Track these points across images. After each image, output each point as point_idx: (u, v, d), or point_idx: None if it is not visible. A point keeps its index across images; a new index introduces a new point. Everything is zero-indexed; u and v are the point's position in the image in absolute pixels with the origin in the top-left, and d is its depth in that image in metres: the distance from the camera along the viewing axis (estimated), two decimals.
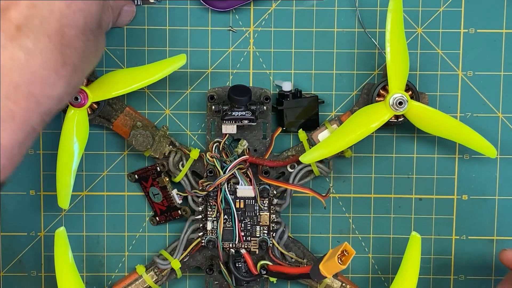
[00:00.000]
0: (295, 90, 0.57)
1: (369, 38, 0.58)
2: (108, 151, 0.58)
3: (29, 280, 0.59)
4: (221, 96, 0.56)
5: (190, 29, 0.57)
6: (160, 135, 0.56)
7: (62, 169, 0.54)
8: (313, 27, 0.58)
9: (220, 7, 0.57)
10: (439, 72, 0.58)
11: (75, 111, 0.54)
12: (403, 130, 0.59)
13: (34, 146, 0.58)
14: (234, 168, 0.55)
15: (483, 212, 0.59)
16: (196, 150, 0.56)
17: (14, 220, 0.59)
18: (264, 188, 0.56)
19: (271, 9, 0.58)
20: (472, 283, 0.60)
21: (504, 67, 0.58)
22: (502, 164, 0.59)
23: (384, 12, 0.56)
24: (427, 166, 0.59)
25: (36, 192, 0.58)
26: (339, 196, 0.59)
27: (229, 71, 0.58)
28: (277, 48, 0.58)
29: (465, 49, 0.58)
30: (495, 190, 0.59)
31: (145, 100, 0.58)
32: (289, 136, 0.58)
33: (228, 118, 0.54)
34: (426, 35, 0.58)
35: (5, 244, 0.59)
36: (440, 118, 0.55)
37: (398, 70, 0.54)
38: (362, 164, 0.59)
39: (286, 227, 0.57)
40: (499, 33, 0.58)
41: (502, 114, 0.59)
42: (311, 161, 0.56)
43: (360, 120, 0.55)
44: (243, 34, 0.58)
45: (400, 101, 0.54)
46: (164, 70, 0.54)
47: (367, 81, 0.58)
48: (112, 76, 0.55)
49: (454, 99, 0.58)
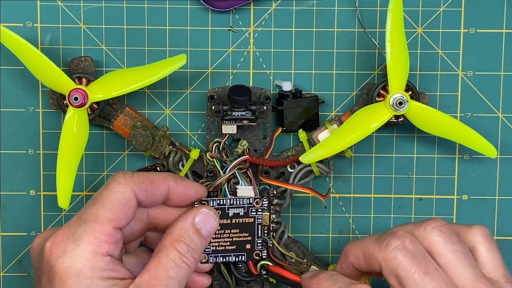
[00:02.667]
0: (295, 90, 0.57)
1: (369, 38, 0.58)
2: (108, 151, 0.58)
3: (29, 280, 0.59)
4: (221, 96, 0.56)
5: (190, 29, 0.57)
6: (160, 135, 0.56)
7: (62, 169, 0.54)
8: (313, 27, 0.58)
9: (220, 7, 0.57)
10: (439, 72, 0.58)
11: (75, 111, 0.54)
12: (403, 130, 0.59)
13: (34, 146, 0.58)
14: (234, 168, 0.55)
15: (483, 212, 0.59)
16: (196, 150, 0.56)
17: (14, 220, 0.59)
18: (264, 188, 0.56)
19: (271, 9, 0.58)
20: None
21: (504, 67, 0.58)
22: (502, 164, 0.59)
23: (384, 12, 0.56)
24: (427, 166, 0.59)
25: (36, 192, 0.58)
26: (339, 196, 0.59)
27: (229, 71, 0.58)
28: (277, 48, 0.58)
29: (465, 49, 0.58)
30: (495, 190, 0.59)
31: (145, 100, 0.58)
32: (289, 136, 0.59)
33: (228, 118, 0.54)
34: (426, 35, 0.58)
35: (5, 244, 0.59)
36: (440, 118, 0.55)
37: (398, 70, 0.54)
38: (362, 164, 0.59)
39: (286, 227, 0.57)
40: (499, 33, 0.58)
41: (502, 114, 0.59)
42: (311, 161, 0.56)
43: (360, 120, 0.55)
44: (243, 34, 0.58)
45: (400, 101, 0.54)
46: (164, 70, 0.54)
47: (367, 81, 0.58)
48: (112, 76, 0.55)
49: (454, 99, 0.58)
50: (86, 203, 0.47)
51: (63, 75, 0.54)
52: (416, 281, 0.44)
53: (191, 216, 0.49)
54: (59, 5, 0.57)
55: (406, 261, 0.44)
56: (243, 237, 0.54)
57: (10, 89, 0.57)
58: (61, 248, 0.44)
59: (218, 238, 0.53)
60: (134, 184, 0.47)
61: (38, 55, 0.53)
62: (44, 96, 0.58)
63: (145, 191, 0.48)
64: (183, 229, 0.48)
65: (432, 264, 0.45)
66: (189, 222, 0.49)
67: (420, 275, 0.44)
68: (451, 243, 0.46)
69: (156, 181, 0.49)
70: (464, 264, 0.45)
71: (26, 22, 0.57)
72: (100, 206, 0.46)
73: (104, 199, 0.46)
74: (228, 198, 0.54)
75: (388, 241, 0.45)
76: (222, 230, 0.54)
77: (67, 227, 0.45)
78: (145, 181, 0.48)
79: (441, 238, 0.46)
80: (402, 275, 0.44)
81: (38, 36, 0.57)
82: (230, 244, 0.54)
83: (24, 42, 0.53)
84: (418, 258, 0.44)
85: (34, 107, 0.58)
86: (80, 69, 0.56)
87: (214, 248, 0.53)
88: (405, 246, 0.45)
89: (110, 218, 0.45)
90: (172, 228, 0.48)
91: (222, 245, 0.54)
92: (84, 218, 0.45)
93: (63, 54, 0.57)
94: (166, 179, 0.50)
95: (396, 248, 0.45)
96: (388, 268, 0.45)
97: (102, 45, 0.57)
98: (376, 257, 0.46)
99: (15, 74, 0.57)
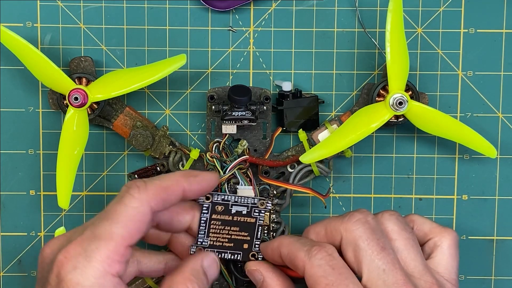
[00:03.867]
0: (295, 90, 0.57)
1: (369, 38, 0.58)
2: (108, 151, 0.58)
3: (29, 280, 0.59)
4: (221, 96, 0.56)
5: (190, 29, 0.57)
6: (160, 135, 0.56)
7: (62, 169, 0.54)
8: (313, 27, 0.58)
9: (220, 7, 0.57)
10: (439, 72, 0.58)
11: (75, 111, 0.54)
12: (403, 130, 0.59)
13: (34, 146, 0.58)
14: (234, 168, 0.55)
15: (483, 212, 0.59)
16: (196, 150, 0.56)
17: (14, 220, 0.59)
18: (264, 188, 0.56)
19: (271, 9, 0.58)
20: (472, 283, 0.60)
21: (504, 67, 0.58)
22: (502, 164, 0.59)
23: (384, 12, 0.56)
24: (427, 166, 0.59)
25: (36, 192, 0.58)
26: (339, 196, 0.59)
27: (229, 71, 0.58)
28: (277, 48, 0.58)
29: (465, 49, 0.58)
30: (495, 190, 0.59)
31: (145, 100, 0.58)
32: (289, 136, 0.59)
33: (228, 118, 0.54)
34: (426, 35, 0.58)
35: (5, 244, 0.59)
36: (440, 118, 0.55)
37: (398, 70, 0.54)
38: (362, 164, 0.59)
39: (286, 227, 0.57)
40: (499, 33, 0.58)
41: (502, 114, 0.59)
42: (311, 161, 0.56)
43: (360, 120, 0.55)
44: (243, 34, 0.58)
45: (400, 101, 0.54)
46: (164, 70, 0.54)
47: (367, 81, 0.58)
48: (112, 76, 0.55)
49: (454, 99, 0.58)
50: (98, 215, 0.46)
51: (63, 75, 0.54)
52: (372, 254, 0.46)
53: (200, 258, 0.50)
54: (59, 5, 0.57)
55: (366, 233, 0.46)
56: (242, 236, 0.54)
57: (10, 89, 0.57)
58: (72, 263, 0.43)
59: (217, 233, 0.53)
60: (149, 197, 0.46)
61: (38, 55, 0.53)
62: (44, 96, 0.58)
63: (161, 202, 0.47)
64: (194, 270, 0.49)
65: (389, 243, 0.47)
66: (199, 264, 0.49)
67: (378, 249, 0.46)
68: (405, 231, 0.48)
69: (170, 188, 0.48)
70: (415, 253, 0.48)
71: (26, 22, 0.57)
72: (114, 222, 0.45)
73: (119, 215, 0.45)
74: (233, 195, 0.54)
75: (352, 214, 0.48)
76: (222, 226, 0.53)
77: (79, 242, 0.44)
78: (160, 191, 0.47)
79: (397, 225, 0.48)
80: (361, 246, 0.46)
81: (38, 36, 0.57)
82: (228, 241, 0.54)
83: (24, 42, 0.53)
84: (377, 234, 0.47)
85: (34, 107, 0.58)
86: (80, 69, 0.56)
87: (212, 242, 0.53)
88: (367, 220, 0.47)
89: (124, 236, 0.44)
90: (183, 268, 0.49)
91: (220, 241, 0.53)
92: (97, 234, 0.44)
93: (63, 54, 0.57)
94: (180, 182, 0.49)
95: (359, 220, 0.47)
96: (347, 238, 0.47)
97: (102, 45, 0.57)
98: (338, 228, 0.47)
99: (15, 74, 0.57)
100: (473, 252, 0.59)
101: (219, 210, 0.53)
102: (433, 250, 0.50)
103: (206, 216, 0.53)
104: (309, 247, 0.47)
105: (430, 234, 0.51)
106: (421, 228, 0.51)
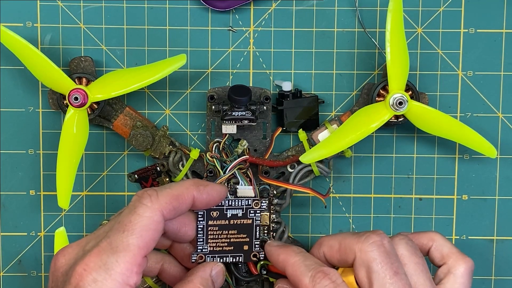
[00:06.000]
0: (295, 90, 0.57)
1: (369, 38, 0.58)
2: (108, 151, 0.58)
3: (29, 280, 0.59)
4: (221, 96, 0.56)
5: (190, 29, 0.57)
6: (160, 135, 0.56)
7: (62, 169, 0.54)
8: (313, 27, 0.58)
9: (220, 7, 0.57)
10: (439, 72, 0.58)
11: (75, 111, 0.54)
12: (403, 130, 0.59)
13: (34, 146, 0.58)
14: (234, 168, 0.55)
15: (483, 212, 0.59)
16: (196, 150, 0.56)
17: (14, 220, 0.59)
18: (264, 188, 0.56)
19: (271, 9, 0.58)
20: (472, 283, 0.59)
21: (504, 67, 0.58)
22: (502, 164, 0.59)
23: (384, 12, 0.56)
24: (427, 166, 0.59)
25: (36, 192, 0.58)
26: (339, 196, 0.59)
27: (229, 71, 0.58)
28: (277, 48, 0.58)
29: (465, 49, 0.58)
30: (495, 190, 0.59)
31: (145, 100, 0.58)
32: (289, 136, 0.59)
33: (228, 118, 0.54)
34: (426, 35, 0.58)
35: (5, 244, 0.59)
36: (440, 118, 0.55)
37: (398, 70, 0.54)
38: (362, 164, 0.59)
39: (286, 227, 0.57)
40: (499, 33, 0.58)
41: (502, 114, 0.59)
42: (311, 161, 0.56)
43: (360, 120, 0.55)
44: (243, 34, 0.58)
45: (400, 101, 0.54)
46: (164, 70, 0.54)
47: (367, 81, 0.58)
48: (112, 76, 0.55)
49: (454, 99, 0.58)
50: (112, 225, 0.46)
51: (63, 75, 0.54)
52: (385, 277, 0.46)
53: (209, 268, 0.51)
54: (59, 5, 0.57)
55: (381, 256, 0.47)
56: (241, 238, 0.54)
57: (10, 89, 0.58)
58: (92, 276, 0.44)
59: (216, 238, 0.54)
60: (161, 206, 0.47)
61: (38, 55, 0.53)
62: (44, 96, 0.58)
63: (173, 211, 0.48)
64: (204, 279, 0.50)
65: (402, 268, 0.47)
66: (208, 274, 0.51)
67: (391, 274, 0.46)
68: (415, 256, 0.49)
69: (181, 196, 0.48)
70: (424, 278, 0.48)
71: (26, 22, 0.57)
72: (130, 233, 0.45)
73: (134, 225, 0.45)
74: (226, 199, 0.54)
75: (369, 235, 0.48)
76: (220, 231, 0.54)
77: (97, 254, 0.44)
78: (172, 200, 0.47)
79: (407, 250, 0.49)
80: (374, 268, 0.46)
81: (38, 36, 0.57)
82: (228, 245, 0.54)
83: (24, 42, 0.53)
84: (391, 258, 0.47)
85: (34, 107, 0.58)
86: (80, 69, 0.56)
87: (212, 248, 0.53)
88: (383, 243, 0.47)
89: (141, 246, 0.45)
90: (193, 277, 0.50)
91: (219, 246, 0.54)
92: (115, 247, 0.44)
93: (63, 54, 0.57)
94: (190, 190, 0.49)
95: (375, 243, 0.47)
96: (362, 259, 0.47)
97: (102, 45, 0.57)
98: (352, 247, 0.48)
99: (15, 74, 0.57)
100: (473, 252, 0.59)
101: (214, 216, 0.54)
102: (445, 275, 0.51)
103: (202, 223, 0.53)
104: (314, 273, 0.47)
105: (446, 258, 0.51)
106: (440, 249, 0.52)
